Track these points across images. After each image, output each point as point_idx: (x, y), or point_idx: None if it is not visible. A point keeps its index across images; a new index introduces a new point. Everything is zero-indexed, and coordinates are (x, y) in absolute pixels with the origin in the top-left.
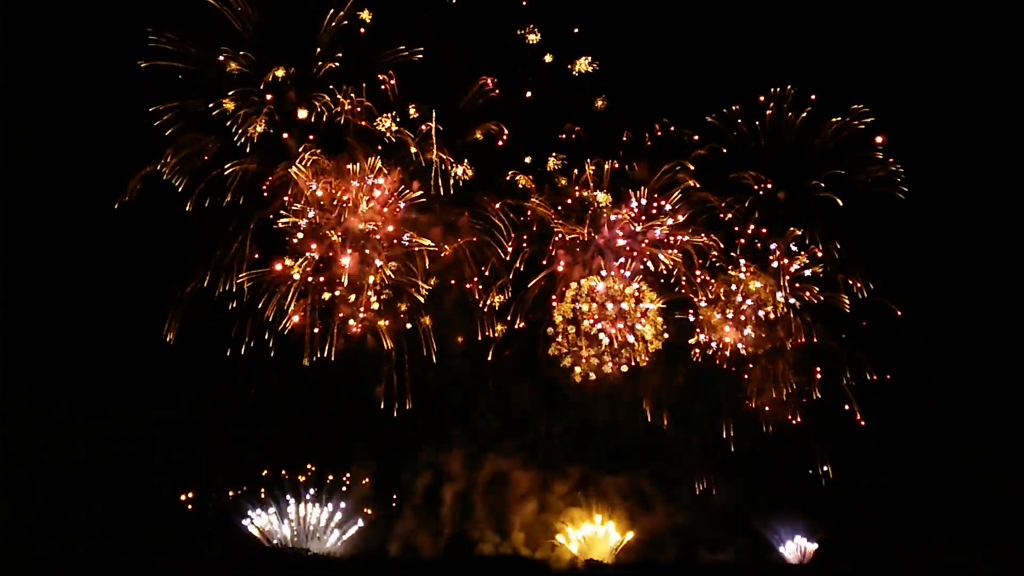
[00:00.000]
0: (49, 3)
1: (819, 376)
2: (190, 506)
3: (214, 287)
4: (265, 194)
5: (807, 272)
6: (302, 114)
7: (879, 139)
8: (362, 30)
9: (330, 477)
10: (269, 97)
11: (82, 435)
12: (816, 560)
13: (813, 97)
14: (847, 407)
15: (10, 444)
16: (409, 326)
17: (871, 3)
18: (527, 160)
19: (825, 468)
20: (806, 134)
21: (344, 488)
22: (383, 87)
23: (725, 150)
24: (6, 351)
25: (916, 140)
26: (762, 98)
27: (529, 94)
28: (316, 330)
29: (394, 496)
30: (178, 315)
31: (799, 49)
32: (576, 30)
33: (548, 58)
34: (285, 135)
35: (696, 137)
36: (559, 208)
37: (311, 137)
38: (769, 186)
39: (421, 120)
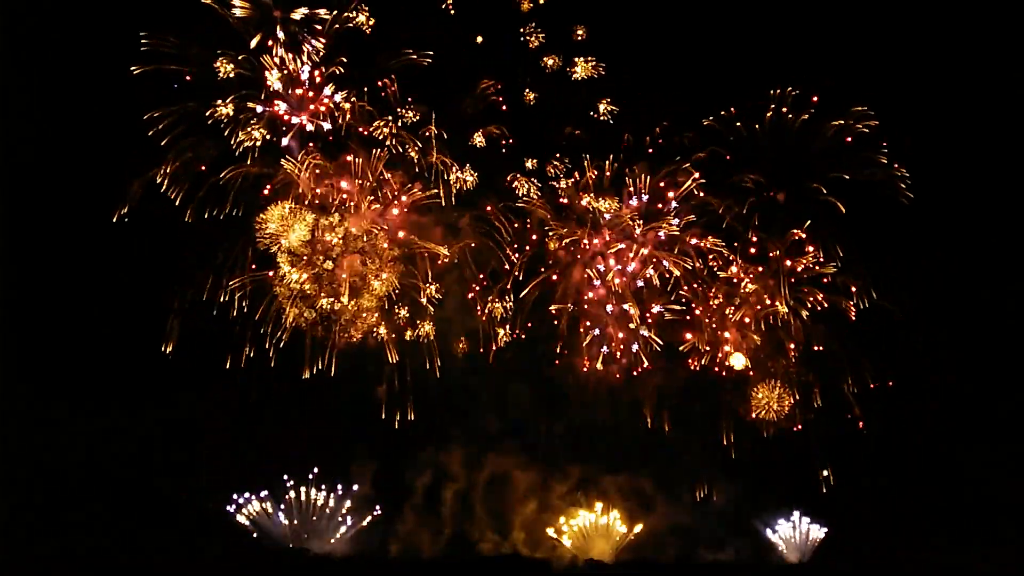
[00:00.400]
0: (49, 5)
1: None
2: (187, 506)
3: (214, 294)
4: (264, 199)
5: (809, 275)
6: (302, 118)
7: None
8: (367, 31)
9: (330, 477)
10: (269, 101)
11: (82, 435)
12: (816, 560)
13: (815, 99)
14: (848, 415)
15: (10, 444)
16: (410, 334)
17: (872, 3)
18: (528, 164)
19: (825, 473)
20: (807, 136)
21: (344, 488)
22: (383, 94)
23: (729, 157)
24: (6, 351)
25: (914, 140)
26: (762, 100)
27: (532, 96)
28: (319, 335)
29: (394, 496)
30: (177, 323)
31: (799, 49)
32: (580, 32)
33: (550, 61)
34: (286, 139)
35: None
36: (562, 214)
37: (311, 142)
38: (772, 193)
39: (422, 123)
